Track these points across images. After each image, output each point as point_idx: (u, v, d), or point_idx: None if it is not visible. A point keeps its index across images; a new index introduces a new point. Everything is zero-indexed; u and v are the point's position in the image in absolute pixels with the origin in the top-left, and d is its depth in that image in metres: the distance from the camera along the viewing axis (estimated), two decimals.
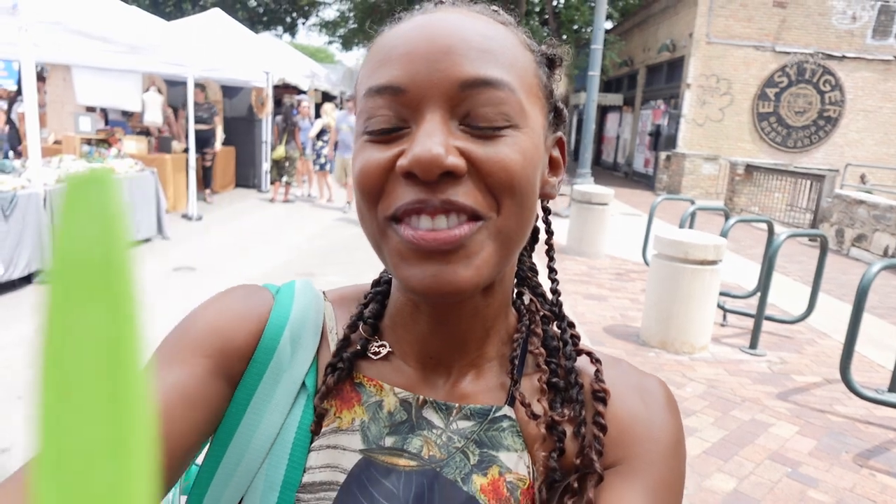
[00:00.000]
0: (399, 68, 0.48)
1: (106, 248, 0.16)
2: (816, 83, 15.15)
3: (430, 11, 0.53)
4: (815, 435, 3.31)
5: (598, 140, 23.68)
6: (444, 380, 0.57)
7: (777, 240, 4.39)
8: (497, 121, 0.48)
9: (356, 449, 0.54)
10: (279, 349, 0.56)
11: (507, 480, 0.53)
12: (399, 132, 0.49)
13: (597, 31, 10.06)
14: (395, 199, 0.48)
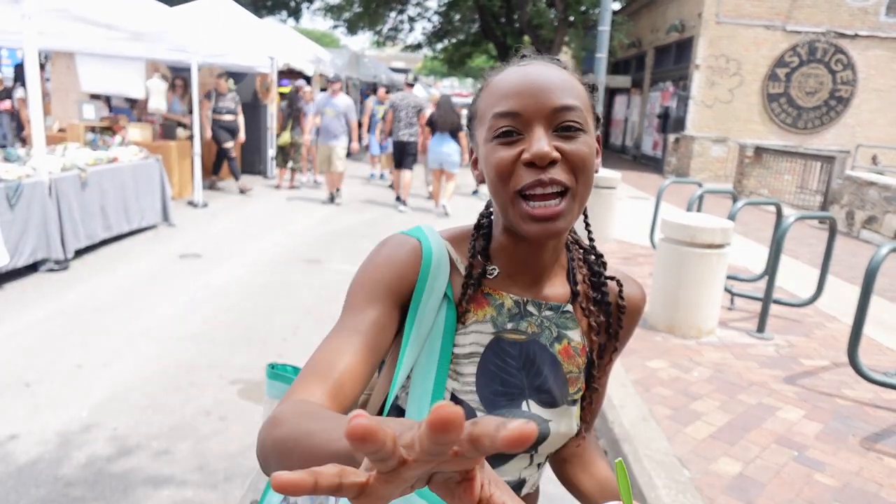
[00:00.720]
0: (515, 101, 0.79)
1: None
2: (828, 63, 14.91)
3: (527, 64, 0.84)
4: (823, 418, 3.29)
5: (606, 122, 23.46)
6: (534, 287, 0.90)
7: (785, 222, 4.33)
8: (574, 127, 0.79)
9: (490, 332, 0.87)
10: (430, 276, 0.84)
11: (572, 346, 0.91)
12: (517, 138, 0.79)
13: (604, 13, 9.91)
14: (521, 179, 0.78)
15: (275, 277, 5.46)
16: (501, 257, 0.89)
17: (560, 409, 0.89)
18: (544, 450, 0.90)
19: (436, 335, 0.84)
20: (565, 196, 0.79)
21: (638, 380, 3.59)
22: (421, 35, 27.64)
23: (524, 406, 0.87)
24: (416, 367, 0.84)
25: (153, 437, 2.89)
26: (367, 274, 0.84)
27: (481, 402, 0.85)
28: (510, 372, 0.87)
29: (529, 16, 17.46)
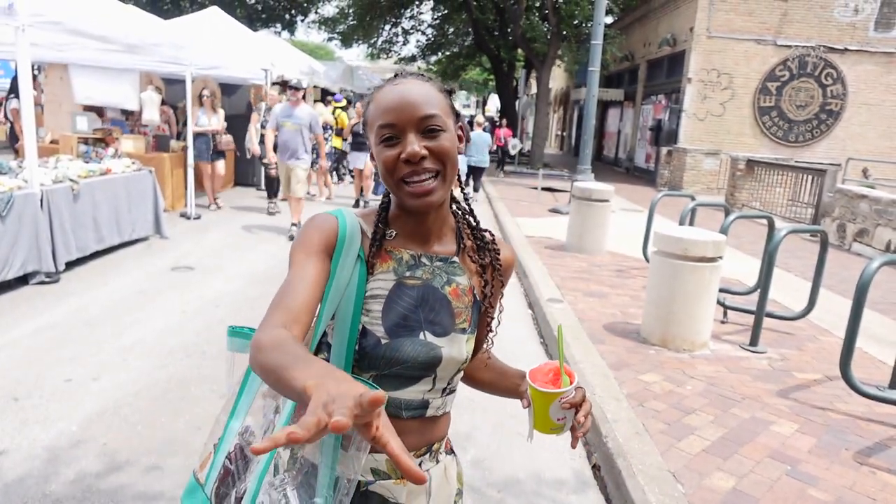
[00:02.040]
0: (392, 115, 1.05)
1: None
2: (818, 77, 15.07)
3: (399, 83, 1.08)
4: (816, 433, 3.29)
5: (599, 135, 23.60)
6: (426, 245, 1.16)
7: (777, 236, 4.36)
8: (436, 129, 1.06)
9: (392, 279, 1.12)
10: (346, 241, 1.10)
11: (460, 288, 1.16)
12: (396, 141, 1.06)
13: (596, 27, 10.01)
14: (401, 171, 1.05)
15: (267, 290, 5.43)
16: (398, 224, 1.15)
17: (450, 336, 1.13)
18: (443, 373, 1.13)
19: (352, 285, 1.09)
20: (436, 178, 1.07)
21: (631, 394, 3.58)
22: (415, 48, 27.80)
23: (421, 335, 1.10)
24: (338, 311, 1.09)
25: (144, 453, 2.86)
26: (304, 238, 1.09)
27: (385, 332, 1.09)
28: (409, 309, 1.11)
29: (523, 29, 17.59)
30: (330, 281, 1.07)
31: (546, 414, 1.13)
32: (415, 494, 1.14)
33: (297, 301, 0.99)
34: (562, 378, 1.13)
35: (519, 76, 25.16)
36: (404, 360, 1.08)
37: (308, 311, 1.00)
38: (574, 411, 1.14)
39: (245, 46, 10.28)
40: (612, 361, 4.05)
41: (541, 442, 3.25)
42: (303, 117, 7.25)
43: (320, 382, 0.72)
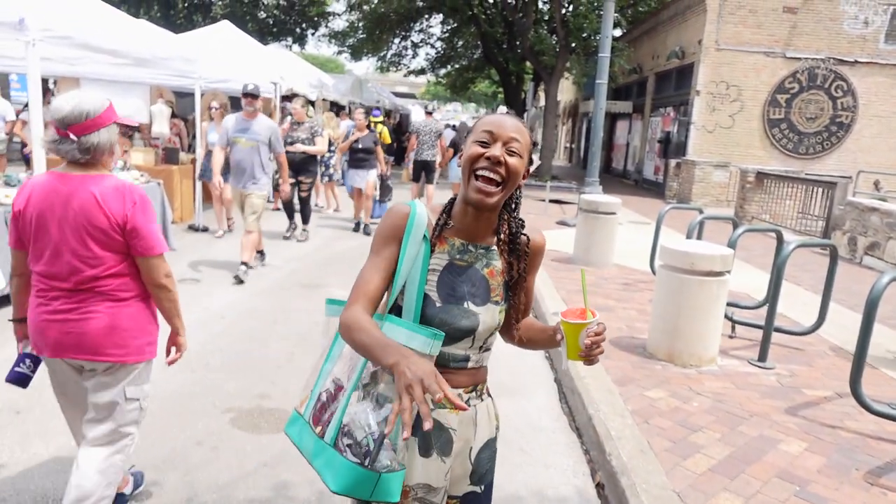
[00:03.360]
0: (493, 127, 1.44)
1: None
2: (828, 89, 15.00)
3: (500, 115, 1.48)
4: (825, 452, 3.22)
5: (607, 147, 23.57)
6: (474, 236, 1.52)
7: (786, 250, 4.31)
8: (516, 151, 1.43)
9: (445, 259, 1.49)
10: (415, 226, 1.45)
11: (495, 269, 1.53)
12: (486, 146, 1.43)
13: (604, 40, 10.02)
14: (479, 164, 1.42)
15: (272, 303, 5.43)
16: (457, 217, 1.51)
17: (486, 307, 1.50)
18: (480, 335, 1.50)
19: (419, 259, 1.45)
20: (498, 186, 1.42)
21: (636, 410, 3.53)
22: (424, 61, 27.99)
23: (465, 304, 1.48)
24: (409, 279, 1.46)
25: (142, 468, 2.84)
26: (381, 227, 1.49)
27: (439, 297, 1.47)
28: (457, 282, 1.49)
29: (531, 42, 17.65)
30: (401, 257, 1.44)
31: (576, 343, 1.43)
32: (465, 423, 1.54)
33: (370, 286, 1.42)
34: (587, 313, 1.44)
35: (527, 89, 25.21)
36: (452, 322, 1.46)
37: (379, 293, 1.44)
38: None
39: (254, 60, 10.37)
40: (617, 377, 4.01)
41: (543, 460, 3.20)
42: (260, 132, 6.02)
43: (400, 362, 1.17)
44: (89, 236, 2.07)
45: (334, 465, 1.32)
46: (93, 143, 2.07)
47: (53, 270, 2.10)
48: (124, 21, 6.61)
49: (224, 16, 17.22)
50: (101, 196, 2.06)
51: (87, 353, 2.14)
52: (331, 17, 24.62)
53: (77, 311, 2.11)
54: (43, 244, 2.09)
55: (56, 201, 2.06)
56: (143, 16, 17.19)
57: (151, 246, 2.14)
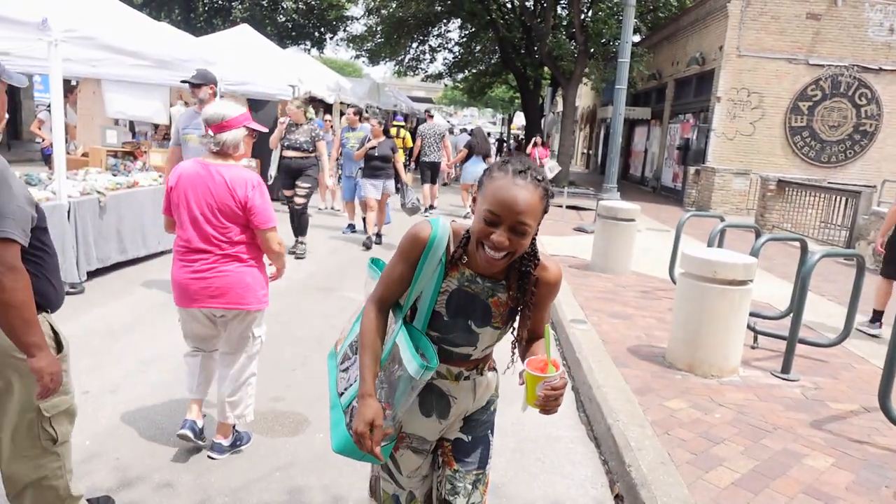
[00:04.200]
0: (499, 208, 1.45)
1: None
2: (852, 96, 14.76)
3: (519, 183, 1.45)
4: (853, 467, 3.12)
5: (625, 154, 23.40)
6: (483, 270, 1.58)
7: (811, 260, 4.20)
8: (524, 232, 1.47)
9: (455, 285, 1.61)
10: (433, 248, 1.56)
11: (500, 300, 1.63)
12: (493, 226, 1.46)
13: (623, 45, 9.93)
14: (485, 240, 1.49)
15: (287, 305, 5.42)
16: (471, 253, 1.56)
17: (485, 328, 1.64)
18: (479, 345, 1.67)
19: (434, 278, 1.59)
20: (505, 258, 1.50)
21: (656, 421, 3.45)
22: (442, 65, 28.01)
23: (468, 322, 1.63)
24: (423, 293, 1.61)
25: (156, 469, 2.82)
26: (403, 242, 1.61)
27: (447, 313, 1.61)
28: (462, 304, 1.61)
29: (549, 47, 17.58)
30: (418, 272, 1.58)
31: (533, 392, 1.51)
32: (465, 392, 1.75)
33: (388, 292, 1.65)
34: (549, 367, 1.52)
35: (545, 94, 25.13)
36: (455, 334, 1.64)
37: (393, 298, 1.66)
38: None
39: (272, 63, 10.41)
40: (636, 386, 3.92)
41: (561, 469, 3.14)
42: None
43: (359, 401, 1.58)
44: (219, 211, 2.71)
45: (339, 428, 1.65)
46: (223, 139, 2.76)
47: (194, 237, 2.74)
48: (145, 23, 6.66)
49: (243, 19, 17.36)
50: (229, 180, 2.71)
51: (223, 302, 2.79)
52: (349, 21, 24.74)
53: (213, 271, 2.75)
54: (185, 214, 2.74)
55: (197, 182, 2.73)
56: (164, 19, 17.37)
57: (265, 220, 2.76)
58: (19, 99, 17.57)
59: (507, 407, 2.75)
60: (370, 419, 1.53)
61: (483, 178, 1.52)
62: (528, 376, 1.54)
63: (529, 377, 1.53)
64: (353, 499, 2.73)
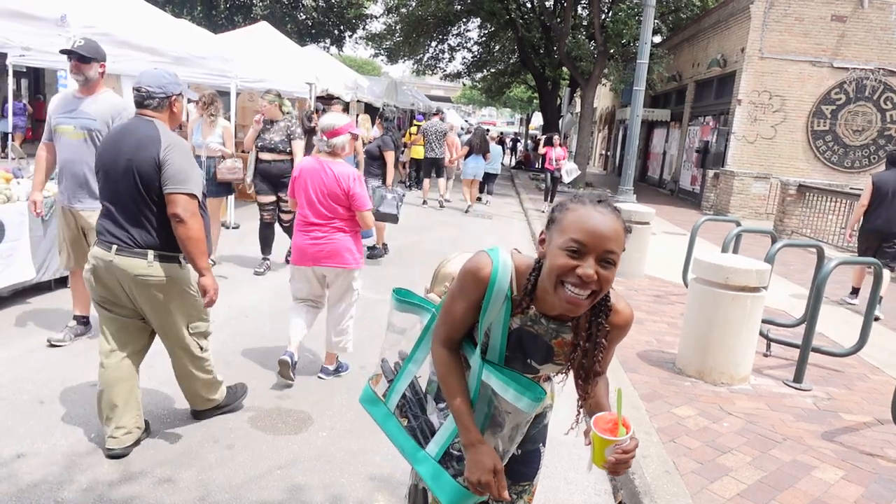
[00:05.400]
0: (586, 236, 1.30)
1: None
2: (877, 101, 14.49)
3: (602, 212, 1.33)
4: (863, 481, 3.05)
5: (643, 156, 23.21)
6: (550, 310, 1.47)
7: (826, 267, 4.12)
8: (611, 262, 1.32)
9: (518, 324, 1.50)
10: (495, 292, 1.46)
11: (564, 341, 1.50)
12: (577, 256, 1.30)
13: (642, 46, 9.84)
14: (569, 277, 1.32)
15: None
16: (539, 293, 1.45)
17: (547, 365, 1.55)
18: (539, 377, 1.60)
19: (499, 318, 1.49)
20: (590, 297, 1.33)
21: (663, 428, 3.41)
22: (461, 64, 27.97)
23: (528, 360, 1.55)
24: (492, 329, 1.51)
25: (158, 464, 2.84)
26: (461, 279, 1.51)
27: (508, 350, 1.53)
28: (524, 345, 1.53)
29: (568, 48, 17.47)
30: (483, 309, 1.49)
31: (602, 454, 1.40)
32: (520, 416, 1.63)
33: (454, 329, 1.56)
34: (619, 429, 1.40)
35: (563, 94, 25.01)
36: (515, 366, 1.56)
37: (460, 333, 1.57)
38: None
39: (291, 60, 10.46)
40: (644, 392, 3.88)
41: (564, 475, 3.10)
42: (98, 115, 3.86)
43: (470, 450, 1.52)
44: (329, 196, 3.62)
45: (442, 479, 1.59)
46: (334, 143, 3.67)
47: (311, 213, 3.65)
48: (163, 20, 6.72)
49: (264, 17, 17.48)
50: (337, 174, 3.61)
51: (332, 262, 3.66)
52: (368, 19, 24.79)
53: (324, 238, 3.63)
54: (304, 197, 3.67)
55: (313, 174, 3.64)
56: (186, 16, 17.55)
57: (362, 205, 3.65)
58: (45, 94, 17.84)
59: None
60: (491, 467, 1.48)
61: (555, 213, 1.40)
62: (597, 438, 1.40)
63: (598, 440, 1.40)
64: (354, 498, 2.72)
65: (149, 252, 2.74)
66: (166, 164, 2.70)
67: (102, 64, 3.95)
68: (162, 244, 2.77)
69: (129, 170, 2.70)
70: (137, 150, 2.70)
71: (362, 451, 3.10)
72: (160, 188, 2.71)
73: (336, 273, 3.72)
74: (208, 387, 3.18)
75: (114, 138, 2.82)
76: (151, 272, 2.75)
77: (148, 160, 2.69)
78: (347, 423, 3.39)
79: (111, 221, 2.78)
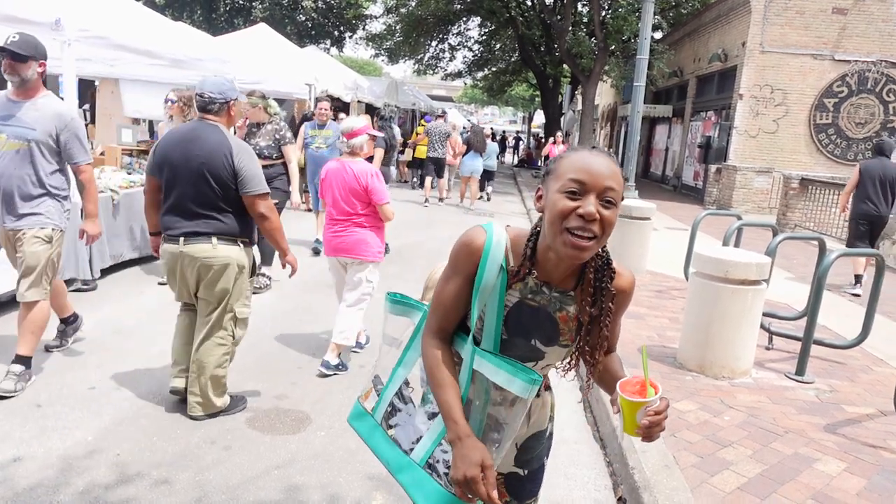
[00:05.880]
0: (584, 175, 1.26)
1: None
2: (879, 93, 14.41)
3: (597, 154, 1.30)
4: (866, 473, 3.02)
5: (646, 152, 23.14)
6: (551, 278, 1.40)
7: (827, 259, 4.09)
8: (612, 202, 1.26)
9: (516, 297, 1.40)
10: (489, 259, 1.36)
11: (569, 315, 1.42)
12: (578, 197, 1.25)
13: (642, 41, 9.80)
14: (571, 222, 1.25)
15: (299, 303, 5.42)
16: (541, 257, 1.38)
17: (552, 347, 1.45)
18: (542, 364, 1.48)
19: (494, 293, 1.39)
20: (593, 240, 1.26)
21: None
22: (462, 63, 27.95)
23: (532, 342, 1.43)
24: (486, 311, 1.40)
25: (155, 466, 2.83)
26: (453, 254, 1.43)
27: (507, 333, 1.42)
28: (525, 321, 1.42)
29: (569, 45, 17.43)
30: (477, 284, 1.38)
31: (633, 419, 1.32)
32: (518, 417, 1.47)
33: (446, 318, 1.45)
34: (647, 389, 1.31)
35: (564, 92, 24.96)
36: (516, 353, 1.43)
37: (453, 320, 1.46)
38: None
39: (289, 61, 10.46)
40: None
41: (564, 471, 3.08)
42: (40, 123, 3.38)
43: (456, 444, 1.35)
44: (350, 192, 3.87)
45: (426, 487, 1.45)
46: (353, 144, 3.94)
47: (335, 210, 3.92)
48: (159, 22, 6.72)
49: (263, 19, 17.50)
50: (357, 171, 3.85)
51: (349, 253, 3.92)
52: (368, 19, 24.80)
53: (345, 232, 3.90)
54: (329, 196, 3.95)
55: (337, 174, 3.91)
56: (186, 20, 17.58)
57: (380, 198, 3.87)
58: None
59: None
60: (479, 460, 1.31)
61: (549, 166, 1.36)
62: (626, 403, 1.32)
63: (627, 404, 1.32)
64: (351, 498, 2.71)
65: (213, 237, 3.14)
66: (242, 170, 3.11)
67: (42, 63, 3.39)
68: (223, 230, 3.17)
69: (202, 171, 3.07)
70: (211, 154, 3.08)
71: (360, 450, 3.09)
72: (234, 191, 3.15)
73: (352, 263, 3.98)
74: (216, 384, 3.29)
75: (181, 140, 3.14)
76: (216, 254, 3.14)
77: (220, 164, 3.08)
78: (346, 422, 3.38)
79: (178, 215, 3.14)
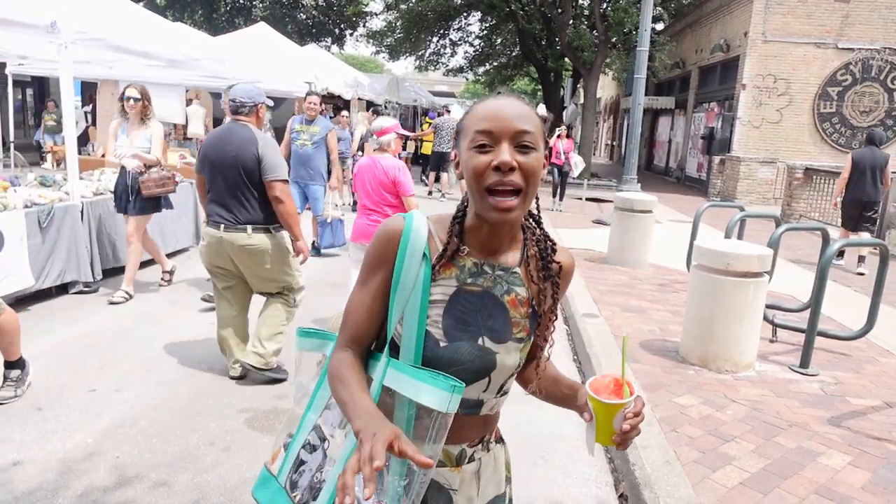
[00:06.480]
0: (490, 123, 1.08)
1: None
2: (884, 80, 14.30)
3: (502, 98, 1.13)
4: (871, 466, 2.99)
5: (649, 144, 23.04)
6: (491, 254, 1.19)
7: (830, 249, 4.05)
8: (528, 146, 1.09)
9: (453, 285, 1.16)
10: (409, 244, 1.14)
11: (518, 298, 1.20)
12: (489, 149, 1.08)
13: (642, 33, 9.72)
14: (489, 178, 1.07)
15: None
16: (471, 233, 1.19)
17: (506, 345, 1.18)
18: (497, 377, 1.19)
19: (417, 288, 1.14)
20: (518, 195, 1.09)
21: (664, 417, 3.35)
22: (463, 59, 27.86)
23: (480, 341, 1.16)
24: (406, 313, 1.14)
25: (153, 468, 2.82)
26: (369, 250, 1.20)
27: (444, 335, 1.14)
28: (469, 314, 1.16)
29: (570, 38, 17.34)
30: (395, 283, 1.15)
31: (610, 425, 1.13)
32: (467, 481, 1.25)
33: (358, 328, 1.19)
34: (623, 388, 1.13)
35: (566, 85, 24.86)
36: (461, 363, 1.14)
37: (369, 332, 1.20)
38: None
39: (289, 60, 10.44)
40: (646, 382, 3.82)
41: (564, 468, 3.06)
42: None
43: (363, 429, 0.96)
44: (380, 185, 4.10)
45: None
46: (382, 141, 4.21)
47: (368, 202, 4.17)
48: (156, 23, 6.71)
49: (263, 18, 17.48)
50: (385, 166, 4.09)
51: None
52: (368, 16, 24.74)
53: (370, 220, 4.14)
54: (362, 189, 4.19)
55: (368, 169, 4.15)
56: (187, 20, 17.58)
57: (405, 190, 4.09)
58: (56, 100, 17.91)
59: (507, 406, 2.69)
60: (389, 434, 0.94)
61: (459, 125, 1.19)
62: (601, 407, 1.11)
63: (603, 408, 1.11)
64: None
65: (248, 226, 3.53)
66: (265, 158, 3.51)
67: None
68: (257, 219, 3.57)
69: (235, 164, 3.50)
70: (240, 148, 3.50)
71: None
72: (258, 177, 3.52)
73: None
74: (270, 335, 3.74)
75: (218, 138, 3.60)
76: (252, 241, 3.54)
77: (249, 156, 3.50)
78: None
79: (218, 205, 3.57)
